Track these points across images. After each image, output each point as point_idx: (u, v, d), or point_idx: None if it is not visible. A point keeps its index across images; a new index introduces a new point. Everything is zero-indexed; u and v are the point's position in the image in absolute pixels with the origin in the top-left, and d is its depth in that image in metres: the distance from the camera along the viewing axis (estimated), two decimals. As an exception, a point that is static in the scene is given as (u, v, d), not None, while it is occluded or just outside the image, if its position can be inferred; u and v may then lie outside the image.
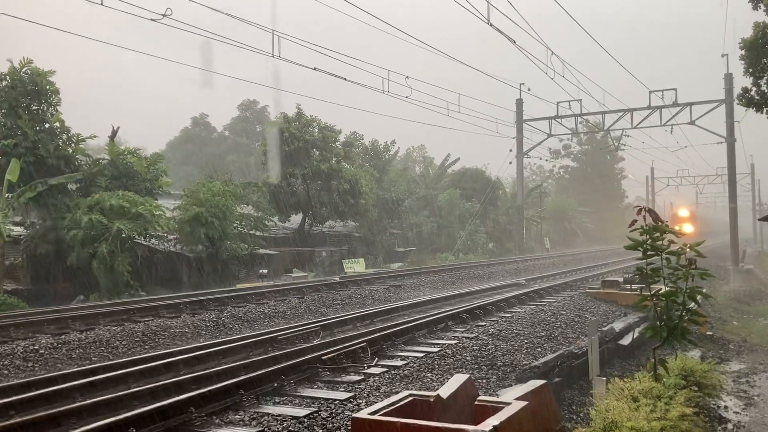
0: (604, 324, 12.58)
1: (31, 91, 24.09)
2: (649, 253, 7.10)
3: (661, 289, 7.38)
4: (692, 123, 36.94)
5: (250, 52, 20.44)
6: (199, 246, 25.56)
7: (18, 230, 24.82)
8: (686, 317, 7.12)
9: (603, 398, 6.74)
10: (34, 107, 24.34)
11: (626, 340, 11.67)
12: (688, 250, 7.10)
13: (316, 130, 35.14)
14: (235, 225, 27.44)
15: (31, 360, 10.71)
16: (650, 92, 36.95)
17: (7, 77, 23.80)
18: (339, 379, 8.60)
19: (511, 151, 43.80)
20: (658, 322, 7.19)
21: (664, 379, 7.32)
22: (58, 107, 24.98)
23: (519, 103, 43.53)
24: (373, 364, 9.48)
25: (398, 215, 41.80)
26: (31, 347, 11.28)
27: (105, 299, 20.41)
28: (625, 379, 7.33)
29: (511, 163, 44.26)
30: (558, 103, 39.98)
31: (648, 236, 7.10)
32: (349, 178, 34.54)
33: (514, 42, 24.03)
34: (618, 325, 12.32)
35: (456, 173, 51.29)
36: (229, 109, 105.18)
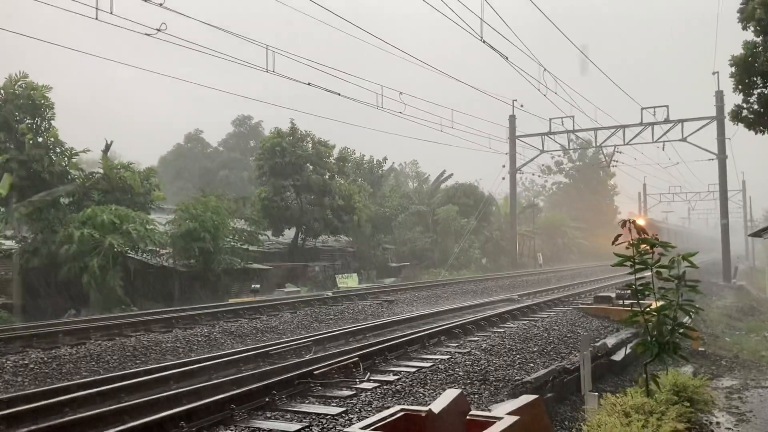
0: (597, 339, 12.59)
1: (25, 106, 24.07)
2: (638, 267, 7.11)
3: (652, 304, 7.40)
4: (684, 140, 37.23)
5: (245, 67, 20.52)
6: (191, 260, 25.49)
7: (9, 244, 24.70)
8: (678, 332, 7.13)
9: (595, 413, 6.74)
10: (28, 122, 24.31)
11: (618, 356, 11.67)
12: (681, 261, 7.10)
13: (310, 145, 35.23)
14: (228, 239, 27.40)
15: (21, 375, 10.63)
16: (642, 109, 37.27)
17: (2, 91, 23.78)
18: (331, 394, 8.57)
19: (504, 166, 44.05)
20: (649, 338, 7.20)
21: (656, 395, 7.32)
22: (52, 121, 24.98)
23: (512, 119, 43.80)
24: (366, 379, 9.45)
25: (392, 230, 41.82)
26: (21, 362, 11.20)
27: (97, 313, 20.30)
28: (618, 395, 7.33)
29: (504, 178, 44.50)
30: (551, 119, 40.27)
31: (636, 250, 7.11)
32: (342, 193, 34.59)
33: (507, 58, 24.23)
34: (610, 341, 12.33)
35: (449, 188, 51.42)
36: (223, 124, 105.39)
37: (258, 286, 24.90)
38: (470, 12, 20.12)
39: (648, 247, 7.02)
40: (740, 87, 15.57)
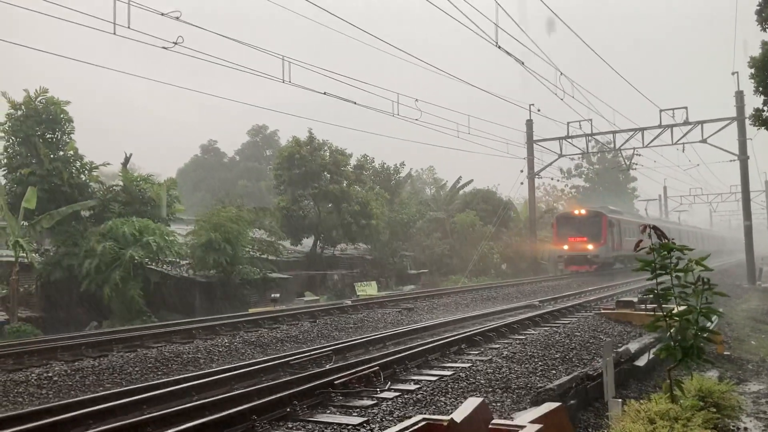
0: (619, 345, 12.46)
1: (45, 120, 24.42)
2: (658, 272, 7.03)
3: (674, 309, 7.31)
4: (704, 141, 36.83)
5: (261, 77, 20.64)
6: (211, 271, 25.63)
7: (32, 257, 25.02)
8: (701, 336, 7.03)
9: (619, 420, 6.65)
10: (48, 136, 24.65)
11: (642, 361, 11.53)
12: (695, 266, 7.00)
13: (327, 154, 35.35)
14: (247, 249, 27.52)
15: (45, 387, 10.73)
16: (661, 111, 36.94)
17: (23, 107, 24.16)
18: (352, 404, 8.55)
19: (522, 171, 43.78)
20: (672, 343, 7.10)
21: (681, 401, 7.21)
22: (71, 135, 25.32)
23: (529, 123, 43.61)
24: (386, 388, 9.42)
25: (410, 237, 41.75)
26: (45, 374, 11.30)
27: (118, 325, 20.46)
28: (641, 401, 7.23)
29: (522, 183, 44.24)
30: (568, 123, 40.05)
31: (657, 255, 7.03)
32: (360, 201, 34.63)
33: (523, 63, 24.20)
34: (633, 346, 12.18)
35: (467, 194, 51.20)
36: (239, 134, 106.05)
37: (277, 295, 24.95)
38: (485, 18, 20.08)
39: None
40: (761, 89, 15.38)
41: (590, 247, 39.23)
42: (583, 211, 41.38)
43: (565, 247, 40.28)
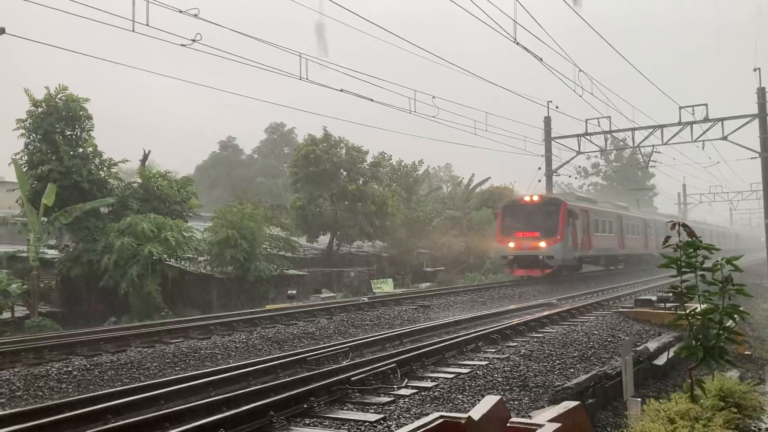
0: (638, 343, 12.35)
1: (65, 117, 24.64)
2: (683, 270, 6.95)
3: (696, 308, 7.22)
4: (724, 138, 36.38)
5: (278, 74, 20.68)
6: (228, 267, 25.77)
7: (52, 253, 25.29)
8: (723, 336, 6.94)
9: (638, 420, 6.59)
10: (68, 133, 24.89)
11: (661, 360, 11.43)
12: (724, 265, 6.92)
13: (344, 152, 35.38)
14: (264, 246, 27.62)
15: (65, 381, 10.82)
16: (680, 108, 36.53)
17: (43, 104, 24.39)
18: (369, 401, 8.54)
19: (539, 169, 43.50)
20: (693, 342, 7.02)
21: (702, 401, 7.13)
22: (91, 132, 25.54)
23: (547, 120, 43.31)
24: (403, 385, 9.40)
25: (426, 235, 41.67)
26: (64, 369, 11.41)
27: (136, 321, 20.62)
28: (661, 400, 7.16)
29: (540, 181, 43.91)
30: (587, 120, 39.73)
31: (682, 252, 6.95)
32: (376, 199, 34.63)
33: (541, 60, 23.99)
34: (652, 345, 12.08)
35: (484, 192, 51.02)
36: (256, 131, 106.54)
37: (294, 292, 25.02)
38: (503, 14, 19.93)
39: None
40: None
41: (542, 244, 30.63)
42: (535, 198, 32.71)
43: (512, 244, 31.90)
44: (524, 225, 31.63)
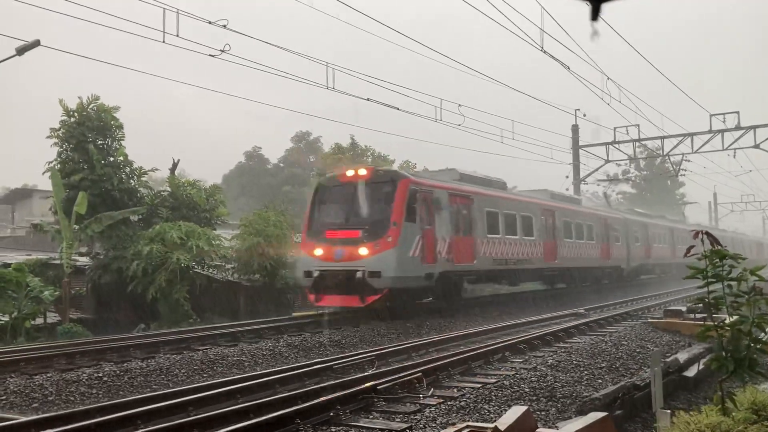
0: (668, 355, 12.19)
1: (97, 127, 25.10)
2: (710, 280, 6.85)
3: (726, 319, 7.12)
4: (757, 146, 35.85)
5: (305, 84, 20.87)
6: (255, 275, 25.94)
7: (83, 260, 25.72)
8: (754, 348, 6.83)
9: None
10: (99, 142, 25.34)
11: (691, 372, 11.27)
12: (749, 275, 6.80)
13: (370, 160, 35.53)
14: (291, 254, 27.76)
15: (95, 387, 10.99)
16: (711, 116, 36.10)
17: (75, 113, 24.88)
18: (395, 410, 8.55)
19: (567, 177, 43.23)
20: (723, 353, 6.92)
21: (733, 413, 7.01)
22: (122, 141, 25.99)
23: (575, 128, 43.06)
24: (429, 394, 9.39)
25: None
26: (95, 374, 11.58)
27: (165, 328, 20.85)
28: (691, 413, 7.05)
29: (567, 189, 43.64)
30: (615, 128, 39.44)
31: (709, 262, 6.86)
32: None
33: (569, 68, 23.92)
34: (682, 356, 11.91)
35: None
36: (283, 140, 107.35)
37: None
38: (530, 23, 19.95)
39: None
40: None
41: (363, 251, 18.38)
42: (362, 172, 19.98)
43: (318, 251, 19.46)
44: (341, 219, 19.82)
